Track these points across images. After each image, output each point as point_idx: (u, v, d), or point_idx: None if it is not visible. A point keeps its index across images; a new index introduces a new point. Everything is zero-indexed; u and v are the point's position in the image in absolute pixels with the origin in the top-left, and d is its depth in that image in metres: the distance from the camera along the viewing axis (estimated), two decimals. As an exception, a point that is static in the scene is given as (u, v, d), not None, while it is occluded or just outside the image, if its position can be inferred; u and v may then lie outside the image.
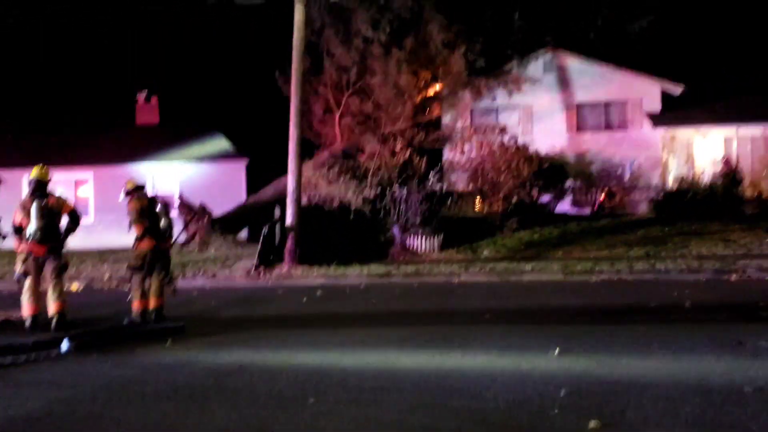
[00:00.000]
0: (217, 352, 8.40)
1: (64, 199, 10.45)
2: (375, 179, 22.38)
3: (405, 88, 24.73)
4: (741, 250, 17.91)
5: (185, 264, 19.17)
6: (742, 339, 8.03)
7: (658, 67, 26.59)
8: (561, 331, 9.00)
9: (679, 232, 20.06)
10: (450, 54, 24.64)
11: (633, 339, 8.36)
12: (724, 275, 14.68)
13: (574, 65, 26.90)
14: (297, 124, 18.81)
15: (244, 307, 13.00)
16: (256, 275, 17.72)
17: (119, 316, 10.88)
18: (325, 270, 17.67)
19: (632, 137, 26.26)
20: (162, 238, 10.81)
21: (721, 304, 11.35)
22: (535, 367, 6.97)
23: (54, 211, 10.01)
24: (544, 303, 12.15)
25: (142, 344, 8.98)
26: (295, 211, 18.66)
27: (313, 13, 24.20)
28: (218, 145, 29.52)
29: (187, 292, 15.29)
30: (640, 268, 15.71)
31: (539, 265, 16.92)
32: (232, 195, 26.50)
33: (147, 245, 10.65)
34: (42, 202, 9.92)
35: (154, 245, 10.66)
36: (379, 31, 24.04)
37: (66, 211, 10.16)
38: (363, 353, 8.05)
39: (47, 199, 10.00)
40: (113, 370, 7.56)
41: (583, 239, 20.32)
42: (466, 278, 16.07)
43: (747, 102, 26.01)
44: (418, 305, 12.52)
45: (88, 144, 30.07)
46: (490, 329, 9.49)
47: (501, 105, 27.03)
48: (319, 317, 11.38)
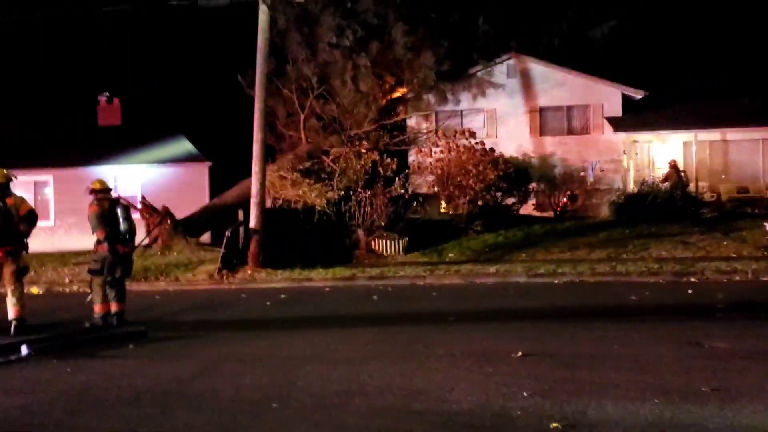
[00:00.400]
0: (180, 356, 8.34)
1: (22, 199, 10.25)
2: (340, 182, 22.35)
3: (369, 92, 24.77)
4: (700, 252, 18.22)
5: (147, 267, 18.95)
6: (700, 340, 8.19)
7: (620, 72, 26.97)
8: (524, 333, 9.08)
9: (640, 234, 20.34)
10: (415, 58, 24.74)
11: (594, 341, 8.48)
12: (684, 277, 14.92)
13: (538, 70, 27.18)
14: (261, 126, 18.70)
15: (207, 311, 12.91)
16: (219, 279, 17.58)
17: (80, 320, 10.74)
18: (290, 273, 17.60)
19: (594, 141, 26.61)
20: (123, 242, 10.68)
21: (680, 305, 11.55)
22: (498, 368, 7.02)
23: (11, 213, 9.82)
24: (508, 305, 12.25)
25: (103, 349, 8.88)
26: (259, 214, 18.54)
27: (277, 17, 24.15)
28: (181, 147, 29.26)
29: (149, 296, 15.14)
30: (601, 270, 15.90)
31: (503, 267, 17.04)
32: (195, 198, 26.27)
33: (106, 248, 10.53)
34: (0, 204, 9.74)
35: (114, 248, 10.53)
36: (344, 37, 24.08)
37: (23, 211, 9.96)
38: (327, 356, 8.05)
39: (5, 201, 9.82)
40: (73, 375, 7.45)
41: (547, 241, 20.52)
42: (431, 281, 16.13)
43: (706, 107, 26.49)
44: (382, 308, 12.53)
45: (48, 145, 29.59)
46: (454, 331, 9.54)
47: (466, 108, 27.22)
48: (282, 321, 11.34)
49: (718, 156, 26.06)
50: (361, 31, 24.19)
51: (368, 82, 24.38)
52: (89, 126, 31.15)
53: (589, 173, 26.16)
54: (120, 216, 10.61)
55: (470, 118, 27.19)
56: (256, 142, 18.65)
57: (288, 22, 24.88)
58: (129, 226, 10.71)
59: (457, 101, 26.98)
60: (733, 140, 25.97)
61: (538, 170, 25.97)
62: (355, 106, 24.83)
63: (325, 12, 24.08)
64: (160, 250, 20.72)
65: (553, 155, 26.66)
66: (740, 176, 25.68)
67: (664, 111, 26.53)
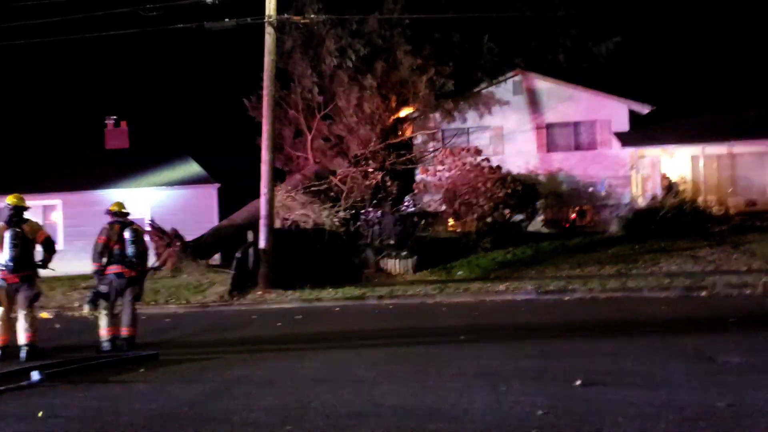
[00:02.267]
0: (192, 379, 8.32)
1: (38, 225, 10.35)
2: (348, 201, 22.41)
3: (375, 112, 24.91)
4: (710, 266, 18.15)
5: (157, 290, 18.97)
6: (713, 355, 8.14)
7: (626, 87, 27.03)
8: (536, 351, 9.04)
9: (649, 249, 20.28)
10: (420, 78, 24.88)
11: (607, 357, 8.43)
12: (694, 292, 14.85)
13: (543, 86, 27.25)
14: (269, 147, 18.79)
15: (218, 333, 12.89)
16: (229, 300, 17.58)
17: (91, 344, 10.74)
18: (300, 293, 17.59)
19: (602, 156, 26.60)
20: (131, 266, 10.67)
21: (692, 320, 11.49)
22: (511, 387, 6.99)
23: (28, 238, 9.92)
24: (518, 323, 12.20)
25: (115, 373, 8.86)
26: (269, 235, 18.58)
27: (284, 38, 24.37)
28: (189, 169, 29.40)
29: (159, 319, 15.14)
30: (612, 286, 15.84)
31: (513, 284, 16.99)
32: (204, 220, 26.37)
33: (112, 272, 10.56)
34: (16, 230, 9.83)
35: (120, 272, 10.57)
36: (347, 58, 24.24)
37: (40, 239, 10.06)
38: (339, 377, 8.02)
39: (22, 227, 9.92)
40: (85, 400, 7.44)
41: (556, 258, 20.47)
42: (441, 299, 16.09)
43: (712, 120, 26.51)
44: (393, 327, 12.50)
45: (57, 169, 29.79)
46: (465, 350, 9.50)
47: (472, 126, 27.31)
48: (294, 341, 11.31)
49: (726, 169, 26.02)
50: (365, 51, 24.37)
51: (374, 102, 24.54)
52: (97, 149, 31.38)
53: (600, 188, 26.13)
54: (127, 239, 10.62)
55: (477, 135, 27.24)
56: (264, 163, 18.73)
57: (294, 44, 25.10)
58: (137, 250, 10.66)
59: (463, 119, 27.13)
60: (740, 153, 25.94)
61: (545, 186, 25.99)
62: (361, 127, 24.97)
63: (330, 33, 24.26)
64: (170, 272, 20.76)
65: (561, 171, 26.67)
66: (748, 189, 25.64)
67: (671, 125, 26.55)
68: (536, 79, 27.23)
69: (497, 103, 27.23)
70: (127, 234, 10.65)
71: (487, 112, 27.10)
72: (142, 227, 21.31)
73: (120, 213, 10.90)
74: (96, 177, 28.94)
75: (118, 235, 10.62)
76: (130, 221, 11.02)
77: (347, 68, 24.43)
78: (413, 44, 24.51)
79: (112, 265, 10.59)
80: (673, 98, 28.46)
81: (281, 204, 21.01)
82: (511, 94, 27.25)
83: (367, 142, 25.05)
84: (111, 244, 10.57)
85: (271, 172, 18.82)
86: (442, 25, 24.91)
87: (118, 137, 31.62)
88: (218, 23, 18.48)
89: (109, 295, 10.58)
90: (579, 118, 26.97)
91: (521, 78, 27.26)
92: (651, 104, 26.50)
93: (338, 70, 24.57)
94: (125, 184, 28.68)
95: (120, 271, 10.55)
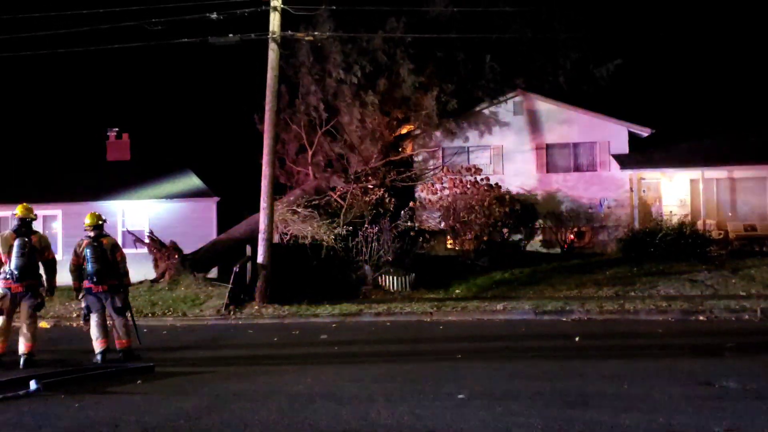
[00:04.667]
0: (188, 392, 8.31)
1: (47, 242, 10.69)
2: (347, 217, 22.42)
3: (377, 128, 25.01)
4: (708, 290, 18.14)
5: (155, 302, 18.96)
6: (710, 379, 8.14)
7: (626, 110, 27.12)
8: (533, 371, 9.04)
9: (647, 272, 20.28)
10: (422, 96, 25.01)
11: (604, 379, 8.43)
12: (692, 315, 14.86)
13: (544, 107, 27.37)
14: (270, 162, 18.84)
15: (214, 347, 12.88)
16: (226, 314, 17.55)
17: (88, 355, 10.75)
18: (297, 308, 17.57)
19: (601, 178, 26.67)
20: (94, 281, 10.66)
21: (690, 344, 11.48)
22: (508, 408, 6.99)
23: (35, 249, 10.10)
24: (515, 342, 12.19)
25: (112, 384, 8.86)
26: (267, 250, 18.59)
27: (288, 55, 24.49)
28: (189, 182, 29.45)
29: (156, 331, 15.12)
30: (609, 308, 15.84)
31: (511, 304, 16.99)
32: (203, 233, 26.38)
33: (87, 287, 10.72)
34: (24, 239, 10.01)
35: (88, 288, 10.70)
36: (352, 74, 24.36)
37: (48, 257, 10.46)
38: (335, 394, 8.01)
39: (30, 237, 10.12)
40: (81, 411, 7.43)
41: (554, 278, 20.46)
42: (438, 317, 16.08)
43: (712, 144, 26.60)
44: (390, 344, 12.49)
45: (58, 180, 29.86)
46: (462, 369, 9.50)
47: (472, 145, 27.41)
48: (290, 357, 11.30)
49: (725, 194, 26.08)
50: (370, 68, 24.49)
51: (376, 119, 24.65)
52: (98, 161, 31.43)
53: (599, 208, 26.18)
54: (88, 256, 10.64)
55: (477, 154, 27.34)
56: (265, 178, 18.77)
57: (297, 59, 25.23)
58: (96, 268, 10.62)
59: (464, 138, 27.25)
60: (740, 178, 26.00)
61: (544, 207, 26.03)
62: (362, 143, 25.06)
63: (334, 49, 24.40)
64: (168, 285, 20.74)
65: (560, 192, 26.73)
66: (747, 214, 25.68)
67: (670, 148, 26.63)
68: (537, 100, 27.37)
69: (497, 123, 27.38)
70: (88, 251, 10.72)
71: (488, 132, 27.26)
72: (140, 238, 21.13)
73: (93, 226, 10.90)
74: (96, 188, 28.98)
75: (98, 250, 10.69)
76: (96, 236, 10.89)
77: (351, 84, 24.55)
78: (416, 63, 24.64)
79: (85, 280, 10.74)
80: (673, 122, 28.55)
81: (280, 218, 21.03)
82: (512, 115, 27.38)
83: (368, 159, 25.13)
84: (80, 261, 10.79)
85: (271, 186, 18.85)
86: (445, 44, 25.05)
87: (119, 149, 31.69)
88: (222, 38, 18.58)
89: (88, 308, 10.74)
90: (578, 140, 27.07)
91: (522, 98, 27.39)
92: (651, 127, 26.59)
93: (342, 85, 24.69)
94: (125, 195, 28.72)
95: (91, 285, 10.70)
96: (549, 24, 25.72)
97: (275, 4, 18.69)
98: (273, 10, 18.69)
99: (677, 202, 25.82)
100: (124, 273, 11.01)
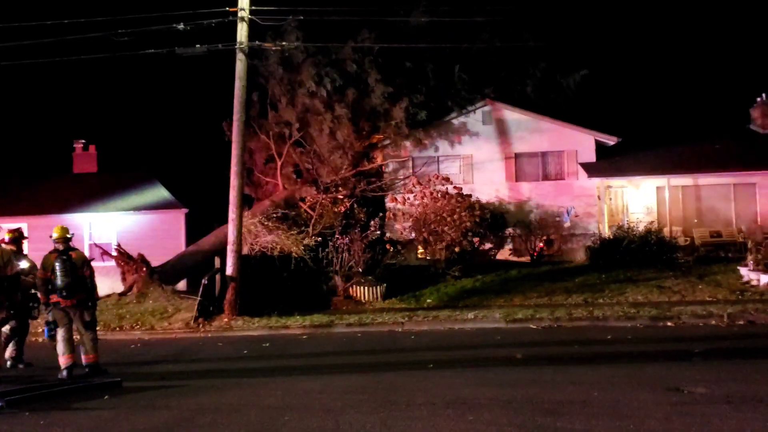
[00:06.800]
0: (157, 407, 8.19)
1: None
2: (317, 228, 22.35)
3: (347, 140, 25.00)
4: (675, 296, 18.36)
5: (122, 316, 18.71)
6: (679, 385, 8.21)
7: (593, 119, 27.42)
8: (504, 379, 9.05)
9: (616, 279, 20.48)
10: (392, 106, 25.07)
11: (574, 386, 8.46)
12: (660, 321, 15.01)
13: (513, 117, 27.55)
14: (238, 173, 18.71)
15: (183, 361, 12.73)
16: (195, 327, 17.37)
17: (53, 371, 10.55)
18: (267, 321, 17.44)
19: (569, 187, 26.90)
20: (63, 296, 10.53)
21: (658, 350, 11.59)
22: (479, 416, 6.98)
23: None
24: (486, 351, 12.22)
25: (78, 400, 8.71)
26: (236, 261, 18.44)
27: (257, 65, 24.43)
28: (157, 194, 29.18)
29: (124, 345, 14.92)
30: (578, 315, 15.95)
31: (481, 312, 17.04)
32: (171, 245, 26.12)
33: (54, 301, 10.59)
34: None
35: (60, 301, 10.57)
36: (322, 86, 24.37)
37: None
38: (306, 406, 7.94)
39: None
40: (48, 428, 7.29)
41: (524, 286, 20.57)
42: (409, 327, 16.07)
43: (678, 152, 26.97)
44: (361, 355, 12.44)
45: (23, 192, 29.41)
46: (434, 378, 9.48)
47: (443, 155, 27.50)
48: (260, 370, 11.21)
49: (691, 201, 26.43)
50: (340, 81, 24.53)
51: (345, 130, 24.65)
52: (65, 173, 31.05)
53: (565, 218, 26.39)
54: (57, 270, 10.51)
55: (447, 164, 27.44)
56: (233, 189, 18.64)
57: (267, 70, 25.18)
58: (66, 282, 10.49)
59: (434, 148, 27.34)
60: (705, 185, 26.36)
61: (514, 215, 26.18)
62: (331, 154, 25.04)
63: (306, 62, 24.39)
64: (136, 298, 20.47)
65: (529, 200, 26.91)
66: (713, 220, 26.02)
67: (637, 156, 26.95)
68: (505, 110, 27.56)
69: (467, 133, 27.50)
70: (57, 264, 10.58)
71: (458, 141, 27.39)
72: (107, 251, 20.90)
73: (59, 239, 10.78)
74: (63, 201, 28.62)
75: (68, 263, 10.56)
76: (63, 250, 10.76)
77: (320, 96, 24.55)
78: (385, 73, 24.70)
79: (53, 294, 10.60)
80: (639, 130, 28.96)
81: (249, 230, 20.88)
82: (481, 124, 27.53)
83: (337, 170, 25.10)
84: (48, 275, 10.61)
85: (239, 197, 18.73)
86: (415, 54, 25.15)
87: (86, 161, 31.34)
88: (189, 49, 18.45)
89: (54, 324, 10.63)
90: (547, 149, 27.30)
91: (491, 108, 27.56)
92: (617, 136, 26.89)
93: (313, 98, 24.69)
94: (92, 207, 28.37)
95: (58, 300, 10.60)
96: (518, 34, 25.96)
97: (243, 14, 18.62)
98: (240, 20, 18.62)
99: (644, 210, 26.12)
100: (93, 287, 10.88)
